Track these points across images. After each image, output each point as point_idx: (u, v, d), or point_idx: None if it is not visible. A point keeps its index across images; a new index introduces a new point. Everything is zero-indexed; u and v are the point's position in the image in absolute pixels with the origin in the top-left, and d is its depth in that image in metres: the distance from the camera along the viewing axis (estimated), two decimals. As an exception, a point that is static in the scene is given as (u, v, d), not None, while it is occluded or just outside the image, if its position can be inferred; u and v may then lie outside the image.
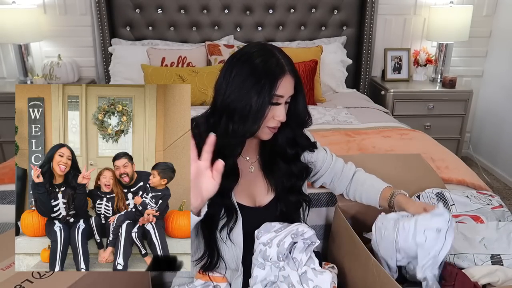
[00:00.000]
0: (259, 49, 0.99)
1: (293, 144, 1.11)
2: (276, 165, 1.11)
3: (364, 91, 3.12)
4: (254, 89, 0.94)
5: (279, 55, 0.99)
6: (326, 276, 1.01)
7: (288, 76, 0.98)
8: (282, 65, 0.97)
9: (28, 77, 2.89)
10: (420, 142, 1.93)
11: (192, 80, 2.53)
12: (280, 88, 0.96)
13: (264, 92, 0.94)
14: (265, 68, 0.95)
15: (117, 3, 2.93)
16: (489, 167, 3.15)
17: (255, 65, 0.95)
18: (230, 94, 0.96)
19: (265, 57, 0.96)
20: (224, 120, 0.98)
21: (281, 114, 0.99)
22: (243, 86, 0.95)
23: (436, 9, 2.93)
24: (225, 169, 0.99)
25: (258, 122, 0.97)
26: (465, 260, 1.09)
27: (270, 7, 2.99)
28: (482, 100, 3.25)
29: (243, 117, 0.96)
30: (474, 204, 1.24)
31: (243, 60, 0.97)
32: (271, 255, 1.01)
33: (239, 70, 0.96)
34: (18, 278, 0.98)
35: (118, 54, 2.85)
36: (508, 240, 1.11)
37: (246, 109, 0.95)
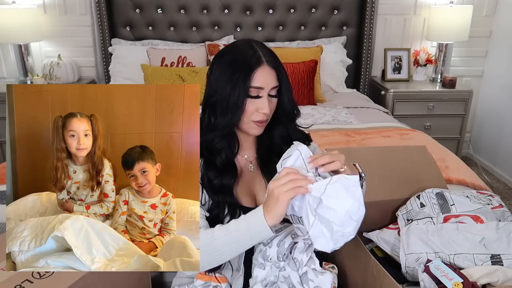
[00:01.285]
0: (240, 44, 1.02)
1: (288, 140, 1.11)
2: (272, 163, 1.12)
3: (364, 91, 3.12)
4: (230, 81, 0.96)
5: (257, 48, 1.00)
6: (326, 277, 1.01)
7: (266, 67, 0.98)
8: (258, 56, 0.98)
9: (28, 77, 2.89)
10: (420, 142, 1.93)
11: (192, 80, 2.53)
12: (256, 79, 0.96)
13: (239, 83, 0.96)
14: (240, 59, 0.97)
15: (117, 3, 2.93)
16: (489, 167, 3.15)
17: (232, 57, 0.98)
18: (210, 88, 1.00)
19: (243, 50, 0.99)
20: (207, 114, 1.01)
21: (264, 107, 0.98)
22: (221, 78, 0.98)
23: (436, 9, 2.93)
24: (221, 166, 1.00)
25: (237, 114, 0.98)
26: (464, 260, 1.09)
27: (270, 7, 2.99)
28: (482, 100, 3.25)
29: (223, 110, 0.98)
30: (474, 204, 1.24)
31: (224, 53, 1.01)
32: (271, 255, 1.01)
33: (219, 64, 1.00)
34: (18, 278, 0.97)
35: (118, 54, 2.85)
36: (508, 240, 1.11)
37: (224, 101, 0.97)
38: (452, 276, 0.97)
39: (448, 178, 1.52)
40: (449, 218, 1.20)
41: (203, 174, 1.04)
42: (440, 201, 1.26)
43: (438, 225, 1.18)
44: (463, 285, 0.95)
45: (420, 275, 1.03)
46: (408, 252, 1.14)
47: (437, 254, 1.11)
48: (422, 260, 1.11)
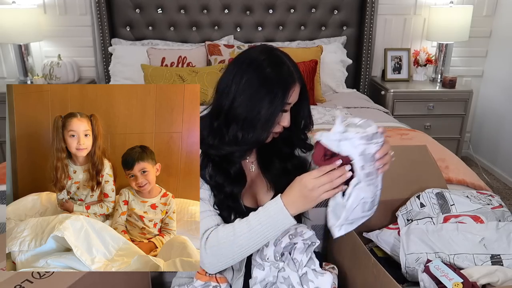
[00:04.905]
0: (268, 56, 0.99)
1: (288, 143, 1.12)
2: (272, 163, 1.12)
3: (364, 91, 3.12)
4: (267, 99, 0.95)
5: (289, 63, 1.00)
6: (326, 278, 1.01)
7: (297, 85, 1.00)
8: (292, 73, 0.98)
9: (28, 77, 2.89)
10: (420, 142, 1.93)
11: (192, 80, 2.53)
12: (291, 96, 0.98)
13: (276, 101, 0.96)
14: (277, 77, 0.96)
15: (117, 3, 2.93)
16: (489, 167, 3.15)
17: (266, 74, 0.96)
18: (241, 103, 0.96)
19: (276, 66, 0.97)
20: (234, 128, 0.99)
21: (286, 120, 1.01)
22: (256, 95, 0.96)
23: (436, 9, 2.93)
24: (233, 174, 1.01)
25: (268, 130, 0.99)
26: (464, 260, 1.09)
27: (270, 7, 2.98)
28: (482, 100, 3.25)
29: (253, 125, 0.97)
30: (474, 204, 1.24)
31: (253, 67, 0.97)
32: (268, 255, 1.01)
33: (250, 77, 0.97)
34: (18, 278, 0.97)
35: (118, 54, 2.85)
36: (508, 240, 1.11)
37: (257, 118, 0.96)
38: (452, 276, 0.98)
39: (448, 178, 1.52)
40: (449, 218, 1.20)
41: (211, 175, 1.04)
42: (440, 201, 1.26)
43: (438, 225, 1.18)
44: (463, 285, 0.95)
45: (420, 275, 1.03)
46: (408, 252, 1.14)
47: (437, 254, 1.11)
48: (422, 260, 1.11)
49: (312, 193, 0.88)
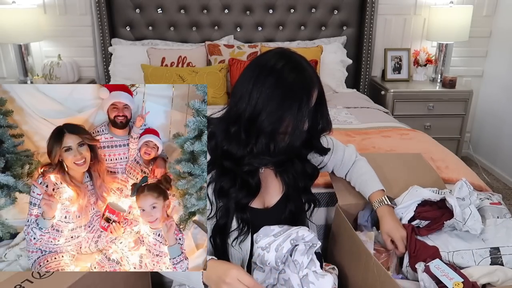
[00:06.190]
0: (287, 62, 0.98)
1: (308, 145, 1.11)
2: (291, 164, 1.11)
3: (364, 91, 3.12)
4: (294, 108, 0.95)
5: (308, 67, 1.00)
6: (327, 279, 1.00)
7: (317, 88, 1.00)
8: (312, 77, 0.99)
9: (28, 77, 2.88)
10: (420, 142, 1.93)
11: (192, 80, 2.54)
12: (314, 100, 1.00)
13: (303, 107, 0.96)
14: (300, 84, 0.96)
15: (117, 3, 2.93)
16: (489, 167, 3.15)
17: (289, 83, 0.95)
18: (268, 116, 0.94)
19: (298, 72, 0.97)
20: (263, 140, 0.97)
21: (306, 124, 1.01)
22: (282, 106, 0.95)
23: (436, 9, 2.93)
24: (250, 185, 1.01)
25: (300, 136, 0.99)
26: (464, 256, 1.09)
27: (270, 7, 2.99)
28: (482, 100, 3.25)
29: (284, 135, 0.98)
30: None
31: (275, 76, 0.95)
32: (269, 260, 0.99)
33: (272, 87, 0.95)
34: (18, 278, 0.98)
35: (118, 54, 2.86)
36: (507, 234, 1.11)
37: (287, 128, 0.97)
38: (452, 276, 0.97)
39: (448, 178, 1.52)
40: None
41: (221, 187, 1.02)
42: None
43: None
44: (464, 284, 0.95)
45: (420, 275, 1.03)
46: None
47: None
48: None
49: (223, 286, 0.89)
